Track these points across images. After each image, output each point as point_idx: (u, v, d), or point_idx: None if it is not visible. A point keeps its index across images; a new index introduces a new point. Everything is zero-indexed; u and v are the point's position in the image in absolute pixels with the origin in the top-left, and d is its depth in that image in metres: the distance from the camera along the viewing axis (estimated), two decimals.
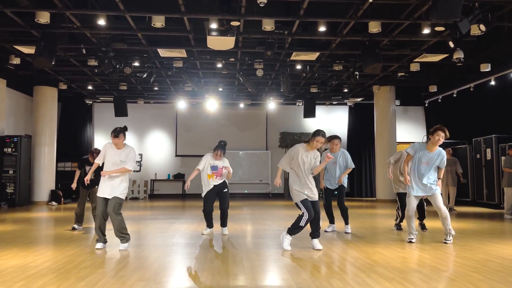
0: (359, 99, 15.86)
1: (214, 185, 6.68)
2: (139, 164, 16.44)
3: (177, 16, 7.96)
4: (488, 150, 12.10)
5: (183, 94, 14.92)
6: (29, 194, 12.87)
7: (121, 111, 14.26)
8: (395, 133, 14.31)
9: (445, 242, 5.88)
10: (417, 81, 13.69)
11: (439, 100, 14.29)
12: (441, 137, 5.75)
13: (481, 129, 12.94)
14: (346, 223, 7.00)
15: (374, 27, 8.25)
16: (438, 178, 5.90)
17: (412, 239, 5.94)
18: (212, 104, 14.91)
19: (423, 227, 7.21)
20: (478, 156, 12.68)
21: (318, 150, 5.56)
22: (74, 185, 7.05)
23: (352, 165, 7.05)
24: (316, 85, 13.85)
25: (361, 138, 16.46)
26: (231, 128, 16.84)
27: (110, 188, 5.47)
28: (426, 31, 8.66)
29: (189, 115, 16.62)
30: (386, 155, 14.09)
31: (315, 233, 5.46)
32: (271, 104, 15.67)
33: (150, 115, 16.72)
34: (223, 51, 9.23)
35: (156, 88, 14.45)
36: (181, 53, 10.29)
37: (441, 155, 5.86)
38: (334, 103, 16.52)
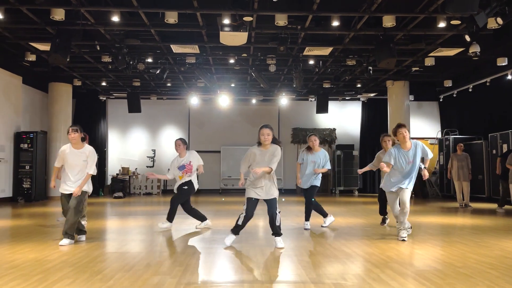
0: (372, 94, 15.73)
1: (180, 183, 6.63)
2: (152, 160, 16.55)
3: (190, 12, 7.97)
4: (505, 146, 11.90)
5: (195, 90, 14.97)
6: (45, 189, 13.07)
7: (134, 107, 14.37)
8: (409, 129, 14.12)
9: (402, 240, 5.67)
10: (432, 75, 13.51)
11: (454, 95, 14.10)
12: (404, 132, 5.71)
13: (497, 124, 12.73)
14: (306, 219, 6.92)
15: (388, 21, 8.16)
16: (424, 167, 5.79)
17: (405, 237, 5.74)
18: (224, 100, 14.93)
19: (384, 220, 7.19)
20: (494, 151, 12.48)
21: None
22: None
23: (328, 167, 6.90)
24: (329, 80, 13.77)
25: (374, 134, 16.25)
26: (243, 123, 16.84)
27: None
28: (442, 24, 8.53)
29: (201, 111, 16.66)
30: None
31: (272, 232, 5.32)
32: (283, 100, 15.62)
33: (163, 111, 16.81)
34: (235, 46, 9.23)
35: (169, 84, 14.51)
36: (194, 49, 10.32)
37: (419, 146, 5.75)
38: (347, 98, 16.40)
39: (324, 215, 7.04)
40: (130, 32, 9.58)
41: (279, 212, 5.31)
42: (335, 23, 8.54)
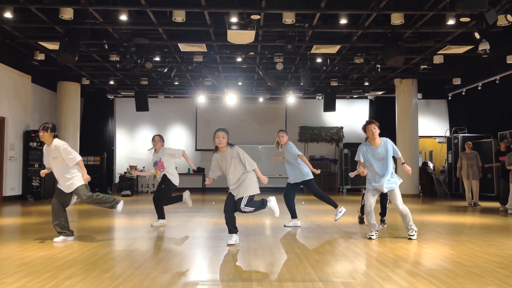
0: (380, 93, 15.65)
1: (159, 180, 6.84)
2: None
3: (197, 11, 7.98)
4: None
5: (202, 89, 14.99)
6: (54, 187, 13.15)
7: (142, 106, 14.43)
8: (417, 127, 14.08)
9: (409, 238, 5.64)
10: (441, 73, 13.42)
11: (463, 93, 13.99)
12: (373, 128, 5.69)
13: (507, 122, 12.62)
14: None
15: (397, 18, 8.10)
16: (403, 163, 5.77)
17: (373, 235, 5.68)
18: (231, 98, 14.94)
19: (383, 222, 7.06)
20: None
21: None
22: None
23: (299, 152, 7.00)
24: (337, 79, 13.72)
25: (382, 132, 16.13)
26: (251, 122, 16.83)
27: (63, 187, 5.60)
28: (451, 22, 8.46)
29: (208, 110, 16.68)
30: (407, 150, 13.89)
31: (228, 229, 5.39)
32: (291, 98, 15.60)
33: (171, 110, 16.85)
34: (243, 45, 9.22)
35: (176, 83, 14.55)
36: (201, 47, 10.33)
37: (389, 143, 5.73)
38: (354, 96, 16.34)
39: (293, 216, 7.05)
40: (138, 31, 9.61)
41: (246, 211, 5.28)
42: (343, 21, 8.50)
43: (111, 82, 14.41)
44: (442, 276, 3.79)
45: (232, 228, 5.35)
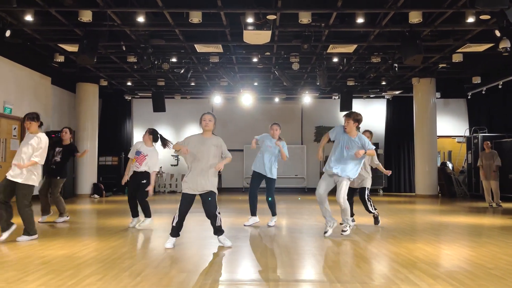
0: (397, 92, 15.47)
1: (134, 171, 6.65)
2: (176, 158, 16.71)
3: (214, 11, 8.02)
4: None
5: (218, 89, 15.04)
6: (73, 187, 13.39)
7: (159, 107, 14.56)
8: (435, 127, 13.88)
9: (342, 232, 5.82)
10: (460, 72, 13.18)
11: (483, 92, 13.71)
12: (347, 121, 5.82)
13: None
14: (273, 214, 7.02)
15: (415, 17, 8.00)
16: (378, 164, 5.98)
17: (327, 231, 5.85)
18: (247, 98, 14.95)
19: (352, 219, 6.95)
20: None
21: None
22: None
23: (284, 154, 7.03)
24: (353, 78, 13.61)
25: (400, 132, 16.06)
26: (266, 122, 16.64)
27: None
28: (471, 20, 8.31)
29: (224, 110, 16.73)
30: (425, 150, 13.71)
31: (214, 231, 5.22)
32: (307, 98, 15.54)
33: (187, 110, 16.95)
34: (259, 45, 9.22)
35: (192, 84, 14.63)
36: (217, 48, 10.37)
37: (362, 140, 5.76)
38: (371, 96, 16.17)
39: (253, 213, 7.03)
40: (155, 32, 9.71)
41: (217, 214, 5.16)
42: (360, 20, 8.42)
43: (129, 83, 14.57)
44: (463, 278, 3.73)
45: (178, 231, 5.10)
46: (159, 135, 6.88)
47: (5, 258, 4.47)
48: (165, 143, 6.60)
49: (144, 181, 6.65)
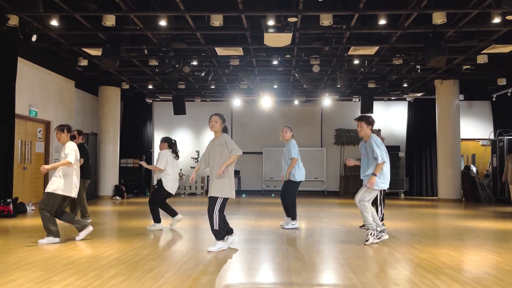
0: (419, 94, 15.23)
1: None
2: (196, 161, 16.81)
3: (235, 14, 8.04)
4: None
5: (238, 92, 15.09)
6: (95, 189, 13.60)
7: (179, 110, 14.68)
8: (458, 130, 13.60)
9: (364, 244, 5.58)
10: (484, 74, 12.90)
11: (509, 94, 13.40)
12: (358, 125, 5.77)
13: None
14: (288, 216, 7.05)
15: (439, 18, 7.86)
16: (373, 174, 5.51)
17: (368, 239, 5.66)
18: (266, 101, 14.95)
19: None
20: None
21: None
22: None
23: (293, 155, 7.07)
24: (374, 80, 13.47)
25: (422, 135, 15.81)
26: (286, 125, 16.74)
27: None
28: (497, 20, 8.12)
29: (244, 113, 16.77)
30: (448, 153, 13.45)
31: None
32: (326, 101, 15.44)
33: (207, 113, 16.80)
34: (279, 48, 9.21)
35: (213, 87, 14.71)
36: (237, 51, 10.40)
37: (371, 143, 5.64)
38: (392, 98, 15.97)
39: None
40: (177, 35, 9.80)
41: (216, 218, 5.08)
42: (382, 22, 8.33)
43: (150, 86, 14.75)
44: (491, 284, 3.63)
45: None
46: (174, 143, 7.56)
47: (32, 259, 4.56)
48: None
49: (156, 186, 7.13)
